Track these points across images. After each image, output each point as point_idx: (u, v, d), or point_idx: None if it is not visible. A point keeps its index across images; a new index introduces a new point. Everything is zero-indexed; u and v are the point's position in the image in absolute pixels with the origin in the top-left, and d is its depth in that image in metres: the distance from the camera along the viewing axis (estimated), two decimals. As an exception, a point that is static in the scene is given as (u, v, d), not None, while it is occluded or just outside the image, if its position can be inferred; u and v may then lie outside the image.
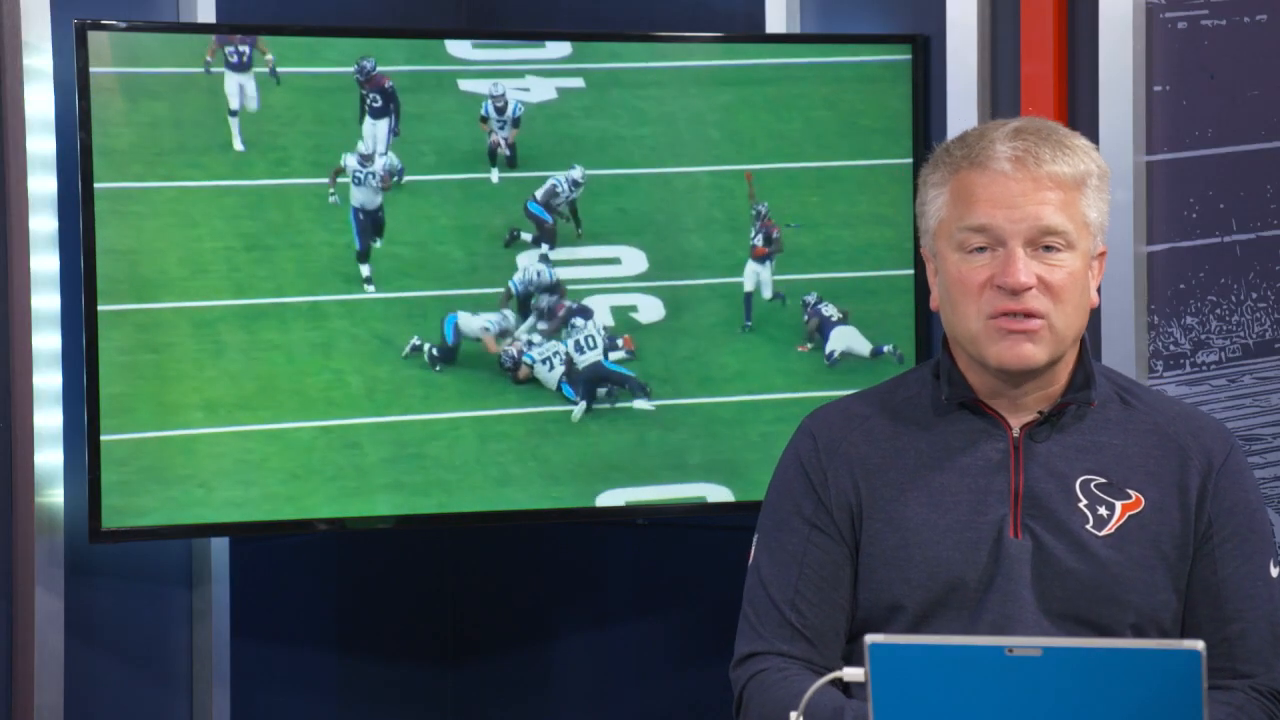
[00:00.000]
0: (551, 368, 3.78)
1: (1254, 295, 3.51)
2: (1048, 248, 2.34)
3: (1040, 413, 2.40)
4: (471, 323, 3.76)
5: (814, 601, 2.42)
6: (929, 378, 2.47)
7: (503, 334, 3.78)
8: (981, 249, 2.35)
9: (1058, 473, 2.39)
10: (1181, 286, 3.56)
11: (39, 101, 3.55)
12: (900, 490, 2.41)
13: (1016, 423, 2.41)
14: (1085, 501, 2.38)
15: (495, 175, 3.79)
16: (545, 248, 3.79)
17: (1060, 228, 2.34)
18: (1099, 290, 2.44)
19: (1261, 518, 2.44)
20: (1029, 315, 2.33)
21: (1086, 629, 2.35)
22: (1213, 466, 2.41)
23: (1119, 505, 2.38)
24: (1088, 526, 2.37)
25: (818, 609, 2.42)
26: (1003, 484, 2.38)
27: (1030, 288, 2.33)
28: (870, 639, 1.86)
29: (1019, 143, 2.35)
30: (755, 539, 2.49)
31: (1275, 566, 2.42)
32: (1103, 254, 2.42)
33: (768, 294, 3.85)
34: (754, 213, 3.85)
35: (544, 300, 3.80)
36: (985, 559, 2.35)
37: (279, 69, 3.67)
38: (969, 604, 2.36)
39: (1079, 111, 3.64)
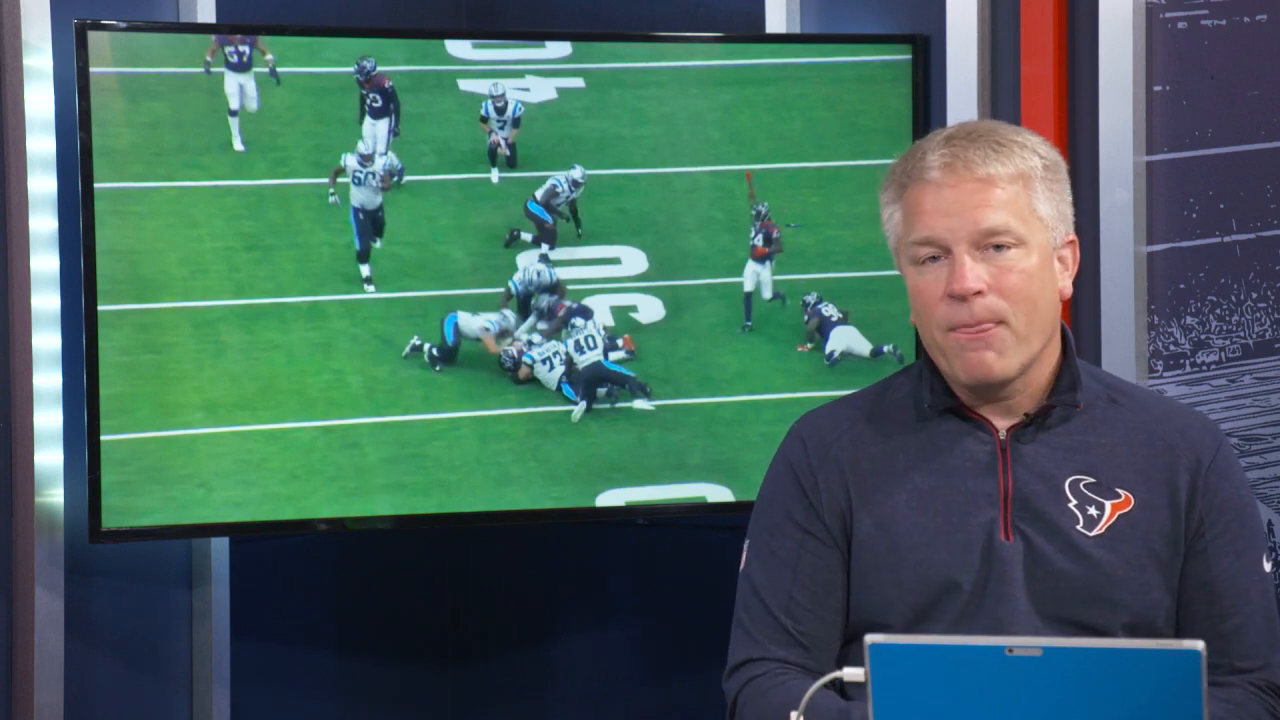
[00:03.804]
0: (552, 368, 3.78)
1: (1254, 295, 3.51)
2: (997, 247, 2.33)
3: (1026, 415, 2.40)
4: (471, 323, 3.76)
5: (808, 607, 2.41)
6: (916, 382, 2.46)
7: (503, 334, 3.78)
8: (934, 258, 2.35)
9: (1046, 474, 2.38)
10: (1181, 286, 3.56)
11: (39, 101, 3.55)
12: (889, 494, 2.41)
13: (1002, 425, 2.40)
14: (1075, 502, 2.37)
15: (495, 175, 3.79)
16: (545, 248, 3.79)
17: (1002, 226, 2.33)
18: (1074, 281, 2.43)
19: (1252, 513, 2.43)
20: (981, 325, 2.33)
21: (1080, 631, 2.35)
22: (1201, 464, 2.40)
23: (1109, 505, 2.38)
24: (1078, 527, 2.36)
25: (812, 614, 2.41)
26: (991, 486, 2.38)
27: (978, 291, 2.32)
28: (870, 639, 1.86)
29: (947, 150, 2.35)
30: (746, 545, 2.48)
31: (1268, 561, 2.43)
32: (1072, 243, 2.42)
33: (768, 294, 3.85)
34: (754, 213, 3.85)
35: (544, 300, 3.80)
36: (977, 562, 2.35)
37: (279, 69, 3.67)
38: (962, 607, 2.35)
39: (1079, 111, 3.64)
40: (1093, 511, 2.37)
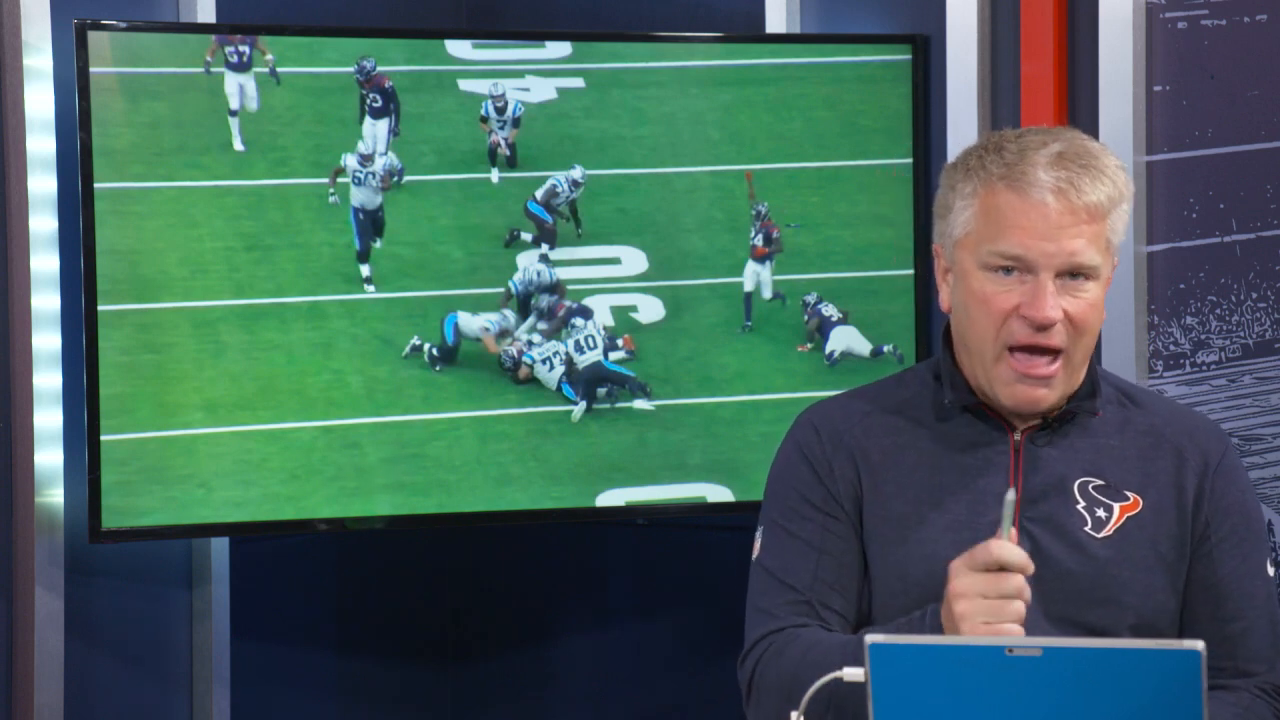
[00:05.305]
0: (551, 368, 3.78)
1: (1254, 295, 3.51)
2: (1073, 275, 2.31)
3: (1043, 418, 2.40)
4: (471, 323, 3.76)
5: (834, 586, 2.38)
6: (929, 379, 2.45)
7: (503, 334, 3.78)
8: (1008, 270, 2.32)
9: (1056, 475, 2.38)
10: (1181, 286, 3.57)
11: (39, 101, 3.55)
12: (899, 488, 2.40)
13: (1019, 426, 2.40)
14: (1084, 503, 2.37)
15: (495, 175, 3.79)
16: (545, 248, 3.79)
17: (1090, 261, 2.30)
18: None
19: (1257, 516, 2.43)
20: (1050, 352, 2.31)
21: (1085, 632, 2.34)
22: (1209, 467, 2.40)
23: (1117, 507, 2.38)
24: (1086, 528, 2.36)
25: (838, 594, 2.38)
26: (1002, 486, 2.37)
27: (1056, 322, 2.31)
28: (870, 639, 1.85)
29: (1061, 172, 2.29)
30: (760, 534, 2.45)
31: (1272, 566, 2.43)
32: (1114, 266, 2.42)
33: (768, 294, 3.85)
34: (754, 213, 3.85)
35: (544, 300, 3.80)
36: (984, 560, 2.35)
37: (279, 69, 3.67)
38: None
39: (1079, 111, 3.64)
40: (1101, 513, 2.37)
